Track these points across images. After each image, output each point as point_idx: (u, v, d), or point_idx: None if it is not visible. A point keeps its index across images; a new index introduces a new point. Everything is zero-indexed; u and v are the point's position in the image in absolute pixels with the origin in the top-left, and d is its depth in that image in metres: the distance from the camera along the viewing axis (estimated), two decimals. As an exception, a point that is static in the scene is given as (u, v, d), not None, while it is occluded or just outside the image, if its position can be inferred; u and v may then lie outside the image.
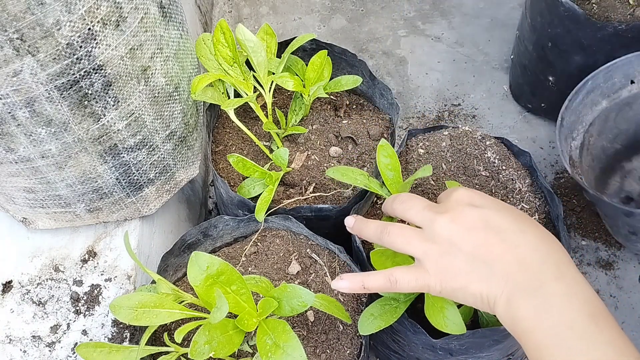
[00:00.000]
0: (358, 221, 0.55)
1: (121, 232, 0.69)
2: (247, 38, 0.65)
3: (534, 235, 0.45)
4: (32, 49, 0.47)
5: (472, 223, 0.46)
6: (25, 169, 0.58)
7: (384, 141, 0.61)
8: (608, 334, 0.40)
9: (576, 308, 0.41)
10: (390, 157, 0.60)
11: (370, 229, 0.52)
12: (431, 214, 0.48)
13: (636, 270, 0.89)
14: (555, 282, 0.42)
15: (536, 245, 0.44)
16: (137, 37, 0.55)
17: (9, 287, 0.66)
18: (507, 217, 0.46)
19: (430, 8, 1.23)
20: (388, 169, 0.60)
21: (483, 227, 0.45)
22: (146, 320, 0.50)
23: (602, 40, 0.83)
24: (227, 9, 1.27)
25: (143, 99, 0.59)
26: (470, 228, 0.45)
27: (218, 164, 0.73)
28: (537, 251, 0.44)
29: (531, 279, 0.43)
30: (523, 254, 0.44)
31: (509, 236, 0.45)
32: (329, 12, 1.24)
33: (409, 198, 0.52)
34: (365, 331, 0.54)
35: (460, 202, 0.48)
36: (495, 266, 0.44)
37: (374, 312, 0.54)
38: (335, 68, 0.76)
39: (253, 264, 0.64)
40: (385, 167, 0.60)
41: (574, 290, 0.42)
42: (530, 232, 0.45)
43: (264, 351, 0.48)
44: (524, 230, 0.45)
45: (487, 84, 1.10)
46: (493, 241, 0.45)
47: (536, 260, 0.43)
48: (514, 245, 0.44)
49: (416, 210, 0.49)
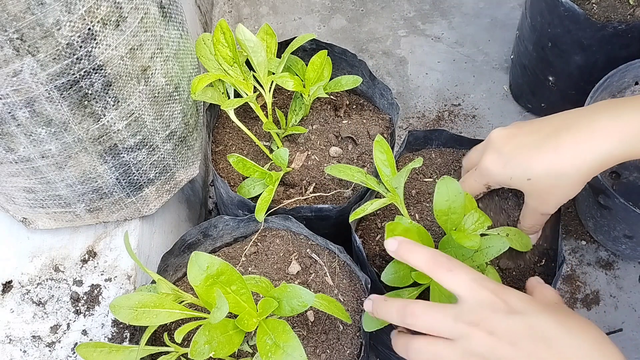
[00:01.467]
0: (375, 303, 0.51)
1: (121, 232, 0.69)
2: (247, 38, 0.65)
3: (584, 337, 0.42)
4: (32, 49, 0.47)
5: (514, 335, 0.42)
6: (25, 169, 0.58)
7: (379, 137, 0.61)
8: None
9: None
10: (386, 153, 0.61)
11: (392, 313, 0.48)
12: (463, 327, 0.43)
13: (636, 270, 0.89)
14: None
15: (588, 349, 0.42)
16: (137, 37, 0.55)
17: (9, 287, 0.66)
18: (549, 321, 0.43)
19: (430, 8, 1.23)
20: (384, 165, 0.60)
21: (528, 338, 0.42)
22: (146, 320, 0.50)
23: (602, 40, 0.82)
24: (227, 9, 1.27)
25: (143, 99, 0.59)
26: (513, 342, 0.42)
27: (218, 164, 0.73)
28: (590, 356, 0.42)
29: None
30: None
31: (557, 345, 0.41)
32: (329, 12, 1.24)
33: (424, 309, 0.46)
34: (369, 328, 0.54)
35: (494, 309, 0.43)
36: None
37: None
38: (335, 68, 0.76)
39: (253, 264, 0.64)
40: (381, 162, 0.60)
41: None
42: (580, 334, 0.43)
43: (264, 351, 0.48)
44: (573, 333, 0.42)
45: (487, 84, 1.10)
46: (542, 354, 0.41)
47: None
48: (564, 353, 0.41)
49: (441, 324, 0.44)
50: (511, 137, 0.54)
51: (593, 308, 0.86)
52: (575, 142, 0.49)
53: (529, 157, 0.52)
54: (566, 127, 0.51)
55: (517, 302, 0.44)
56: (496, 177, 0.55)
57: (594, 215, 0.86)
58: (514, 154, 0.53)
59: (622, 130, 0.47)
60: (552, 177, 0.51)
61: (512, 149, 0.53)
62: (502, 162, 0.54)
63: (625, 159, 0.49)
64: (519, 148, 0.52)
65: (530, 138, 0.52)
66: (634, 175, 0.82)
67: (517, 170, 0.52)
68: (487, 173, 0.55)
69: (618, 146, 0.48)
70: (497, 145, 0.54)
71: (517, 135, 0.54)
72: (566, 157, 0.49)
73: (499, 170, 0.54)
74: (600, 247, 0.91)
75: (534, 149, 0.51)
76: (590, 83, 0.81)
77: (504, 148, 0.54)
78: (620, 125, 0.48)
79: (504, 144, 0.54)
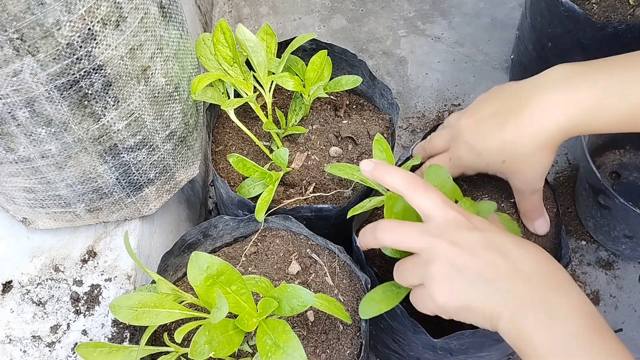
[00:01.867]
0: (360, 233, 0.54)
1: (121, 232, 0.69)
2: (247, 38, 0.65)
3: (535, 254, 0.46)
4: (32, 49, 0.47)
5: (474, 245, 0.46)
6: (25, 169, 0.58)
7: (379, 136, 0.61)
8: (611, 346, 0.41)
9: (580, 321, 0.42)
10: (386, 152, 0.61)
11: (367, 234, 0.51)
12: (428, 239, 0.47)
13: (636, 270, 0.89)
14: (559, 296, 0.43)
15: (539, 265, 0.46)
16: (137, 37, 0.55)
17: (9, 287, 0.66)
18: (506, 238, 0.47)
19: (430, 8, 1.23)
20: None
21: (485, 249, 0.46)
22: (146, 320, 0.50)
23: (602, 40, 0.82)
24: (227, 9, 1.27)
25: (143, 99, 0.59)
26: (473, 251, 0.46)
27: (218, 164, 0.73)
28: (540, 269, 0.45)
29: (536, 294, 0.43)
30: (527, 271, 0.45)
31: (511, 256, 0.45)
32: (329, 12, 1.24)
33: (396, 225, 0.50)
34: (366, 315, 0.54)
35: (459, 225, 0.47)
36: (500, 284, 0.44)
37: (375, 297, 0.54)
38: (335, 68, 0.76)
39: (253, 264, 0.64)
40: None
41: (577, 305, 0.43)
42: (532, 252, 0.47)
43: (264, 351, 0.48)
44: (525, 250, 0.46)
45: (487, 84, 1.10)
46: (498, 261, 0.45)
47: (540, 277, 0.44)
48: (517, 264, 0.45)
49: (412, 238, 0.48)
50: (478, 125, 0.56)
51: (593, 308, 0.86)
52: (532, 117, 0.52)
53: (497, 140, 0.54)
54: (523, 103, 0.53)
55: (480, 222, 0.49)
56: (473, 167, 0.58)
57: (594, 215, 0.86)
58: (483, 143, 0.55)
59: (577, 105, 0.50)
60: (520, 154, 0.53)
61: (482, 138, 0.55)
62: (475, 152, 0.56)
63: (582, 133, 0.52)
64: (488, 135, 0.55)
65: (494, 121, 0.55)
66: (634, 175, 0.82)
67: (492, 157, 0.55)
68: (462, 163, 0.58)
69: (573, 119, 0.51)
70: (467, 136, 0.56)
71: (482, 121, 0.55)
72: (527, 132, 0.52)
73: (474, 160, 0.56)
74: (600, 247, 0.91)
75: (499, 131, 0.54)
76: (590, 83, 0.81)
77: (475, 139, 0.56)
78: (574, 100, 0.50)
79: (474, 135, 0.56)
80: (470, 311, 0.46)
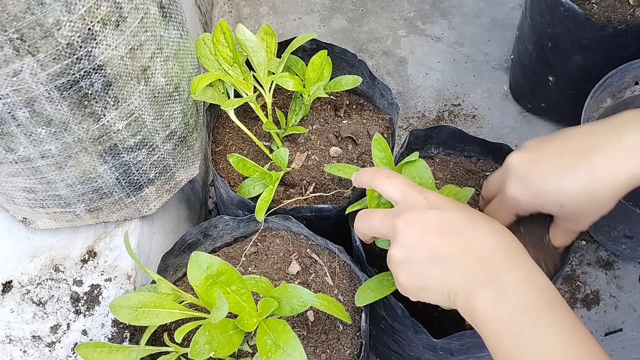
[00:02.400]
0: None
1: (121, 232, 0.69)
2: (247, 38, 0.65)
3: (487, 230, 0.46)
4: (32, 49, 0.47)
5: (427, 225, 0.47)
6: (25, 169, 0.58)
7: (378, 135, 0.61)
8: (563, 319, 0.41)
9: (531, 295, 0.42)
10: (385, 151, 0.61)
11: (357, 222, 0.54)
12: (389, 220, 0.49)
13: (636, 270, 0.89)
14: (510, 272, 0.44)
15: (490, 240, 0.46)
16: (137, 37, 0.55)
17: (9, 287, 0.66)
18: (460, 215, 0.47)
19: (430, 8, 1.23)
20: (382, 162, 0.60)
21: (438, 228, 0.46)
22: (146, 320, 0.50)
23: (602, 40, 0.82)
24: (227, 9, 1.27)
25: (143, 99, 0.59)
26: (426, 231, 0.47)
27: (218, 164, 0.73)
28: (491, 245, 0.45)
29: (487, 272, 0.44)
30: (478, 249, 0.45)
31: (463, 234, 0.46)
32: (329, 12, 1.24)
33: (365, 213, 0.53)
34: (362, 302, 0.56)
35: (416, 205, 0.48)
36: (452, 263, 0.45)
37: (371, 285, 0.56)
38: (335, 68, 0.76)
39: (253, 264, 0.64)
40: (380, 160, 0.60)
41: (528, 279, 0.43)
42: (484, 227, 0.46)
43: (264, 351, 0.48)
44: (478, 226, 0.46)
45: (487, 84, 1.10)
46: (451, 240, 0.46)
47: (491, 254, 0.45)
48: (469, 242, 0.45)
49: (377, 223, 0.50)
50: (533, 163, 0.51)
51: (593, 308, 0.86)
52: (609, 161, 0.48)
53: (560, 183, 0.49)
54: (595, 146, 0.49)
55: (438, 200, 0.49)
56: (525, 207, 0.53)
57: (594, 215, 0.86)
58: (542, 182, 0.50)
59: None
60: (587, 201, 0.49)
61: (538, 177, 0.51)
62: (530, 191, 0.51)
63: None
64: (547, 175, 0.50)
65: (557, 162, 0.50)
66: (634, 175, 0.82)
67: (549, 199, 0.51)
68: (515, 204, 0.53)
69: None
70: (521, 172, 0.52)
71: (540, 160, 0.51)
72: (601, 178, 0.48)
73: (527, 199, 0.52)
74: (600, 247, 0.91)
75: (565, 175, 0.49)
76: (590, 83, 0.81)
77: (529, 176, 0.51)
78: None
79: (528, 172, 0.51)
80: (429, 291, 0.47)
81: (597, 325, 0.85)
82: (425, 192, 0.49)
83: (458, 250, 0.45)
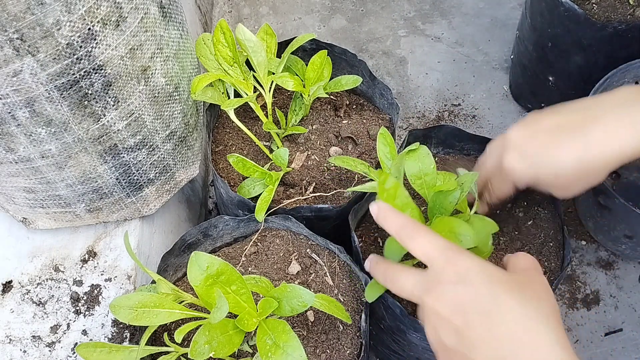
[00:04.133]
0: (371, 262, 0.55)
1: (121, 232, 0.69)
2: (247, 38, 0.65)
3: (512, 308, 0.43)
4: (32, 49, 0.47)
5: (454, 307, 0.44)
6: (25, 169, 0.58)
7: (383, 129, 0.61)
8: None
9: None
10: (389, 146, 0.61)
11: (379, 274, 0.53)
12: (419, 294, 0.47)
13: (636, 270, 0.89)
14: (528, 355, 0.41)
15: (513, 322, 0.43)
16: (137, 37, 0.55)
17: (9, 287, 0.66)
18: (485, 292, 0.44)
19: (430, 8, 1.23)
20: (387, 157, 0.61)
21: (463, 310, 0.44)
22: (146, 320, 0.50)
23: (602, 40, 0.82)
24: (227, 9, 1.27)
25: (143, 99, 0.59)
26: (452, 312, 0.44)
27: (218, 164, 0.73)
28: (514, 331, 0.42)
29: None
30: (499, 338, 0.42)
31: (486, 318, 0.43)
32: (329, 12, 1.24)
33: (393, 272, 0.50)
34: (372, 297, 0.55)
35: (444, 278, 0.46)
36: (477, 353, 0.43)
37: None
38: (335, 68, 0.76)
39: (253, 264, 0.64)
40: (384, 155, 0.61)
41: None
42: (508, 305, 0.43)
43: (264, 351, 0.48)
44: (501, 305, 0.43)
45: (487, 84, 1.10)
46: (472, 328, 0.43)
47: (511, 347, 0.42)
48: (491, 328, 0.43)
49: (407, 293, 0.49)
50: (532, 136, 0.53)
51: (593, 308, 0.86)
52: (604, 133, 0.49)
53: (556, 153, 0.51)
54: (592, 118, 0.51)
55: (464, 267, 0.45)
56: (522, 177, 0.54)
57: (594, 215, 0.86)
58: (538, 153, 0.52)
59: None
60: (580, 169, 0.51)
61: (536, 148, 0.52)
62: (527, 162, 0.53)
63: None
64: (544, 147, 0.52)
65: (553, 135, 0.52)
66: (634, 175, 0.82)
67: (545, 170, 0.52)
68: (513, 173, 0.54)
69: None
70: (519, 145, 0.54)
71: (538, 133, 0.53)
72: (595, 149, 0.50)
73: (524, 170, 0.53)
74: (600, 247, 0.90)
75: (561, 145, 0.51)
76: (590, 83, 0.81)
77: (527, 148, 0.53)
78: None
79: (526, 144, 0.53)
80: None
81: (597, 325, 0.85)
82: (457, 260, 0.46)
83: (480, 339, 0.43)
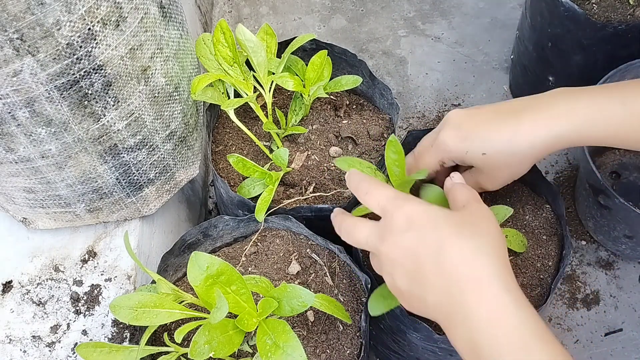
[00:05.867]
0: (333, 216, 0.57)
1: (121, 232, 0.69)
2: (247, 38, 0.65)
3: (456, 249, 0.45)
4: (32, 49, 0.47)
5: (404, 252, 0.47)
6: (25, 169, 0.58)
7: (393, 137, 0.61)
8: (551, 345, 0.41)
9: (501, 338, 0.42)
10: (398, 154, 0.61)
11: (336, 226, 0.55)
12: (373, 244, 0.49)
13: (636, 270, 0.89)
14: (478, 311, 0.43)
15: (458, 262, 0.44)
16: (137, 37, 0.55)
17: (9, 287, 0.66)
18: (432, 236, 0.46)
19: (430, 8, 1.23)
20: (395, 165, 0.60)
21: (412, 254, 0.46)
22: (146, 320, 0.50)
23: (602, 40, 0.82)
24: (227, 9, 1.27)
25: (143, 99, 0.59)
26: (404, 258, 0.47)
27: (218, 164, 0.73)
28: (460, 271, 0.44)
29: (456, 308, 0.44)
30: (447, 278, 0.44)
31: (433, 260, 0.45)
32: (329, 12, 1.24)
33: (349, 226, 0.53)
34: (377, 312, 0.54)
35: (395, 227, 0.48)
36: (427, 295, 0.46)
37: (384, 292, 0.54)
38: (335, 68, 0.76)
39: (253, 264, 0.64)
40: (392, 162, 0.60)
41: (494, 321, 0.42)
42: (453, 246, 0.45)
43: (264, 351, 0.48)
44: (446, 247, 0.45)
45: (487, 84, 1.10)
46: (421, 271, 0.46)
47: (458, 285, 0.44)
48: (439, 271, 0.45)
49: (362, 242, 0.51)
50: (470, 116, 0.56)
51: (593, 308, 0.86)
52: (534, 120, 0.53)
53: (488, 132, 0.54)
54: (526, 108, 0.54)
55: (416, 214, 0.47)
56: (452, 151, 0.56)
57: (594, 215, 0.86)
58: (472, 129, 0.55)
59: (577, 115, 0.52)
60: (506, 153, 0.54)
61: (471, 125, 0.55)
62: (460, 137, 0.55)
63: (575, 144, 0.53)
64: (479, 124, 0.55)
65: (490, 116, 0.55)
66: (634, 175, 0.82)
67: (474, 144, 0.55)
68: (444, 147, 0.57)
69: (571, 128, 0.52)
70: (456, 122, 0.56)
71: (477, 114, 0.56)
72: (524, 134, 0.53)
73: (456, 144, 0.56)
74: (600, 247, 0.91)
75: (494, 126, 0.54)
76: (590, 83, 0.80)
77: (463, 124, 0.56)
78: (575, 110, 0.52)
79: (462, 121, 0.56)
80: (427, 315, 0.48)
81: (597, 325, 0.85)
82: (404, 207, 0.48)
83: (429, 279, 0.45)
